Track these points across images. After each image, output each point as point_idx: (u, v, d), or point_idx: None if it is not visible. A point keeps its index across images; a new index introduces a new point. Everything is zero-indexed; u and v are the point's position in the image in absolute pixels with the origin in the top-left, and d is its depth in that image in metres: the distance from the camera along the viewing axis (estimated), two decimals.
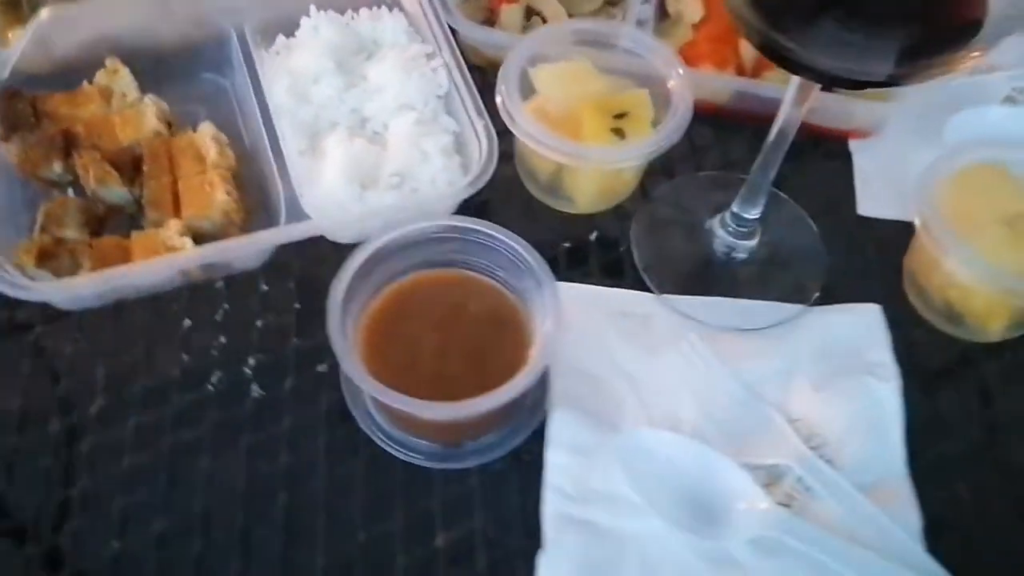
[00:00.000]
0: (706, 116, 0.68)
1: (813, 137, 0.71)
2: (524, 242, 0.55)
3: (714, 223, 0.65)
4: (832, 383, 0.59)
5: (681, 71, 0.63)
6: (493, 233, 0.55)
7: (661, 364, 0.59)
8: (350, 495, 0.54)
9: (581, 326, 0.61)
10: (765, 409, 0.58)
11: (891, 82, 0.47)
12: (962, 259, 0.57)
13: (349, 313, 0.52)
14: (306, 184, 0.62)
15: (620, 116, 0.62)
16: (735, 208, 0.63)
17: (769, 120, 0.56)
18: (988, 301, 0.59)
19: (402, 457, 0.55)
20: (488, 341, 0.55)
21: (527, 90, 0.63)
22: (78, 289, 0.58)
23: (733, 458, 0.55)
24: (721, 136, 0.73)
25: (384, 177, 0.63)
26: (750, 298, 0.63)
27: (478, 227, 0.55)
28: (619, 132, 0.62)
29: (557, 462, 0.55)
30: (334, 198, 0.62)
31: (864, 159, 0.71)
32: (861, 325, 0.62)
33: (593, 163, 0.61)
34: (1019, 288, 0.57)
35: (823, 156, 0.72)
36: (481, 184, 0.62)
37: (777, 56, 0.47)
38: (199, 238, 0.61)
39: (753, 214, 0.63)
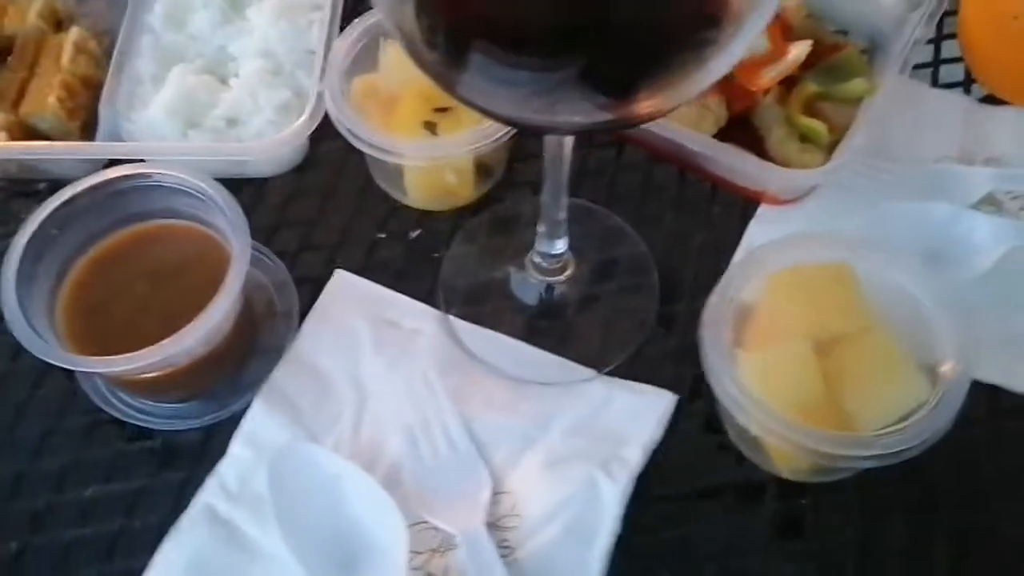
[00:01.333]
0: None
1: (729, 192, 0.61)
2: (218, 186, 0.51)
3: (531, 254, 0.58)
4: (566, 464, 0.51)
5: None
6: (183, 176, 0.52)
7: (393, 387, 0.54)
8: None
9: (339, 320, 0.57)
10: (477, 469, 0.51)
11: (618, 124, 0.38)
12: (723, 390, 0.46)
13: (42, 272, 0.51)
14: (133, 109, 0.61)
15: (441, 110, 0.56)
16: (537, 242, 0.55)
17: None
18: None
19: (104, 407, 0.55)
20: (193, 291, 0.51)
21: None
22: None
23: (415, 509, 0.50)
24: (621, 163, 0.64)
25: (211, 119, 0.61)
26: (541, 346, 0.56)
27: (160, 171, 0.52)
28: (431, 127, 0.56)
29: (235, 453, 0.52)
30: (155, 130, 0.61)
31: (760, 228, 0.60)
32: (641, 413, 0.53)
33: (387, 156, 0.55)
34: (792, 437, 0.45)
35: (720, 210, 0.62)
36: (292, 146, 0.59)
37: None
38: (35, 137, 0.62)
39: (556, 249, 0.55)
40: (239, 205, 0.51)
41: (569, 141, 0.46)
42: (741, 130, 0.62)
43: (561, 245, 0.55)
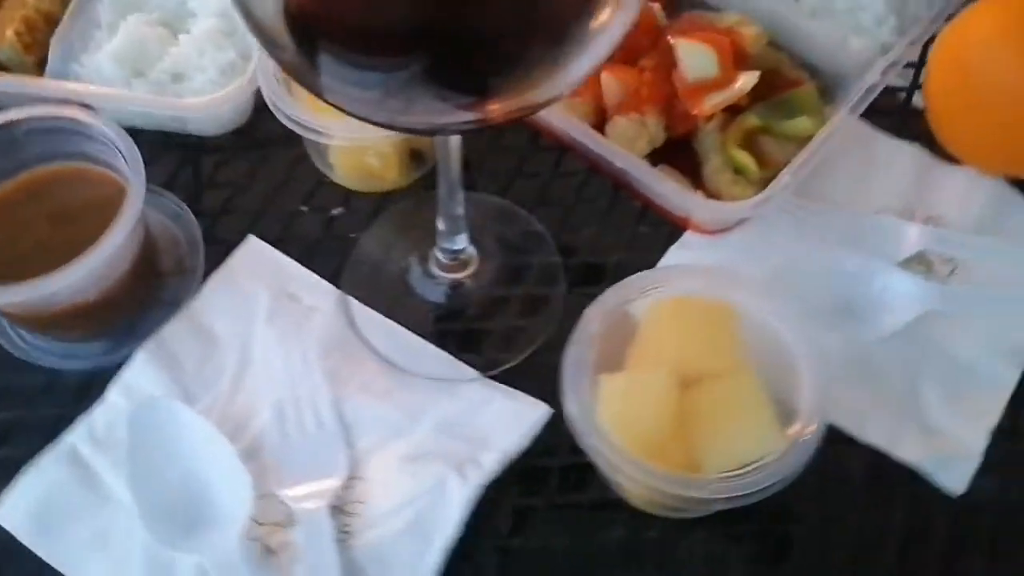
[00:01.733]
0: None
1: (657, 214, 0.60)
2: (119, 130, 0.53)
3: (435, 248, 0.57)
4: (424, 460, 0.51)
5: None
6: (88, 121, 0.53)
7: (276, 359, 0.54)
8: None
9: (240, 285, 0.57)
10: (337, 452, 0.51)
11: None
12: (569, 411, 0.45)
13: None
14: (85, 52, 0.63)
15: None
16: (438, 238, 0.55)
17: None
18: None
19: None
20: (93, 233, 0.51)
21: None
22: None
23: (269, 481, 0.50)
24: (559, 171, 0.63)
25: (156, 72, 0.62)
26: (432, 341, 0.56)
27: (71, 115, 0.53)
28: None
29: (109, 399, 0.53)
30: (102, 75, 0.62)
31: (680, 254, 0.59)
32: (511, 420, 0.52)
33: (307, 133, 0.56)
34: (624, 468, 0.44)
35: (647, 230, 0.60)
36: (231, 107, 0.60)
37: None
38: None
39: (456, 245, 0.55)
40: (139, 153, 0.52)
41: (455, 138, 0.46)
42: (682, 153, 0.61)
43: (461, 241, 0.54)
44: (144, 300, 0.57)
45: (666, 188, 0.56)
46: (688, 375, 0.47)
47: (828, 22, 0.65)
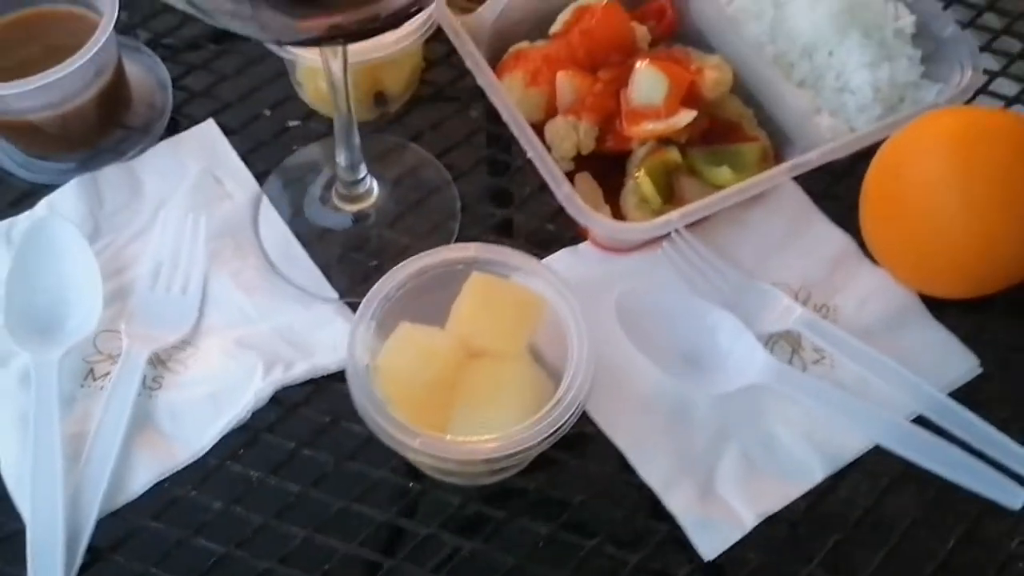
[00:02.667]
0: None
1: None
2: None
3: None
4: (249, 349, 0.56)
5: None
6: None
7: (174, 223, 0.60)
8: None
9: (180, 155, 0.64)
10: (186, 317, 0.57)
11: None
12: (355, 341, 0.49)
13: None
14: None
15: None
16: (338, 168, 0.59)
17: None
18: None
19: None
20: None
21: None
22: None
23: (118, 320, 0.56)
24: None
25: None
26: (316, 259, 0.60)
27: None
28: None
29: (35, 211, 0.61)
30: None
31: (565, 257, 0.61)
32: (338, 342, 0.56)
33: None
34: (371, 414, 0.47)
35: (554, 229, 0.63)
36: None
37: None
38: None
39: (355, 176, 0.59)
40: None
41: (336, 64, 0.50)
42: (614, 170, 0.63)
43: (359, 172, 0.59)
44: (111, 126, 0.64)
45: (561, 191, 0.58)
46: (473, 347, 0.50)
47: (810, 94, 0.65)
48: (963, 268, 0.55)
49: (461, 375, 0.49)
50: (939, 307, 0.59)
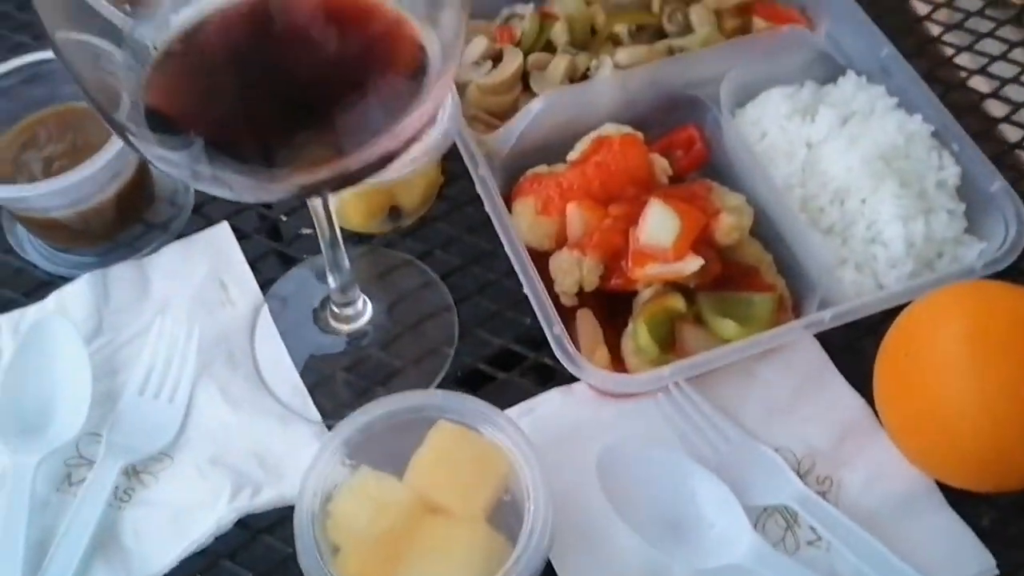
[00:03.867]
0: None
1: None
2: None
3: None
4: (222, 467, 0.55)
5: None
6: None
7: (174, 328, 0.61)
8: None
9: (190, 256, 0.65)
10: (169, 427, 0.57)
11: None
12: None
13: None
14: None
15: None
16: (331, 289, 0.59)
17: None
18: None
19: None
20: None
21: None
22: None
23: (105, 427, 0.57)
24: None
25: None
26: (307, 378, 0.59)
27: None
28: None
29: (46, 303, 0.62)
30: None
31: (554, 396, 0.58)
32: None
33: None
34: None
35: (550, 362, 0.60)
36: None
37: None
38: None
39: (346, 299, 0.59)
40: None
41: (318, 202, 0.50)
42: (621, 303, 0.60)
43: (351, 296, 0.58)
44: (132, 222, 0.66)
45: (551, 332, 0.56)
46: (430, 502, 0.48)
47: (837, 243, 0.61)
48: (978, 462, 0.50)
49: (414, 530, 0.47)
50: (956, 493, 0.54)
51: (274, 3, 0.35)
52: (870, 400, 0.57)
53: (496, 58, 0.71)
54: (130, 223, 0.66)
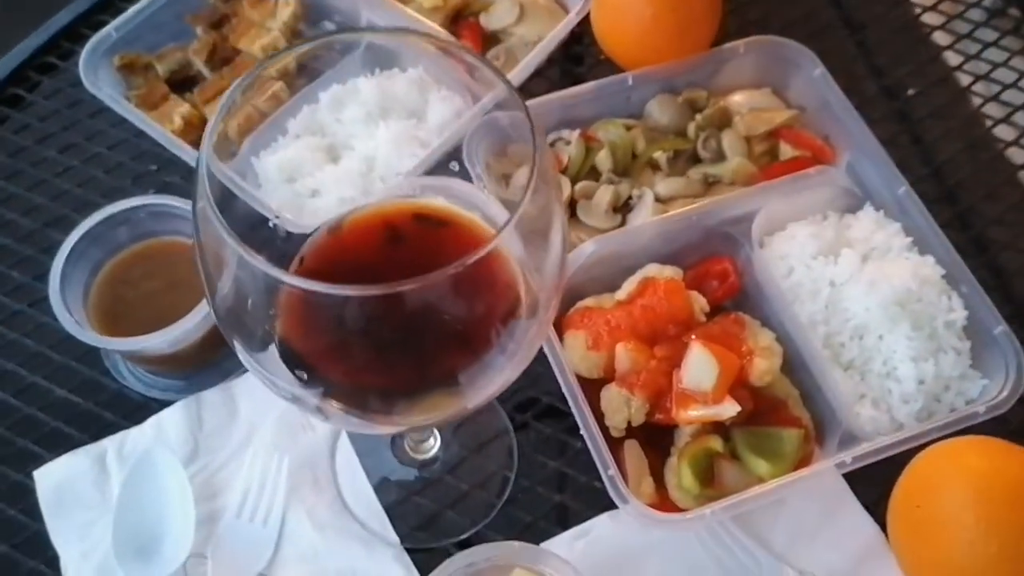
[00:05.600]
0: None
1: None
2: None
3: None
4: None
5: None
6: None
7: (264, 454, 0.68)
8: None
9: None
10: (266, 548, 0.64)
11: None
12: None
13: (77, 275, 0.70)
14: (266, 149, 0.79)
15: None
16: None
17: None
18: None
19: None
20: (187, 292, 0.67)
21: None
22: None
23: (209, 548, 0.64)
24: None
25: (302, 183, 0.77)
26: (384, 501, 0.67)
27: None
28: None
29: (144, 428, 0.69)
30: (266, 172, 0.78)
31: (603, 523, 0.66)
32: None
33: None
34: None
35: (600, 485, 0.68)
36: None
37: None
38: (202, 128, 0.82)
39: (421, 439, 0.66)
40: None
41: None
42: (663, 434, 0.67)
43: (426, 436, 0.66)
44: (219, 347, 0.71)
45: (607, 474, 0.63)
46: None
47: (856, 378, 0.68)
48: None
49: None
50: None
51: (409, 292, 0.41)
52: (882, 523, 0.65)
53: None
54: (218, 347, 0.73)
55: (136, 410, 0.71)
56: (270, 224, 0.55)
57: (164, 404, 0.71)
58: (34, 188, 0.83)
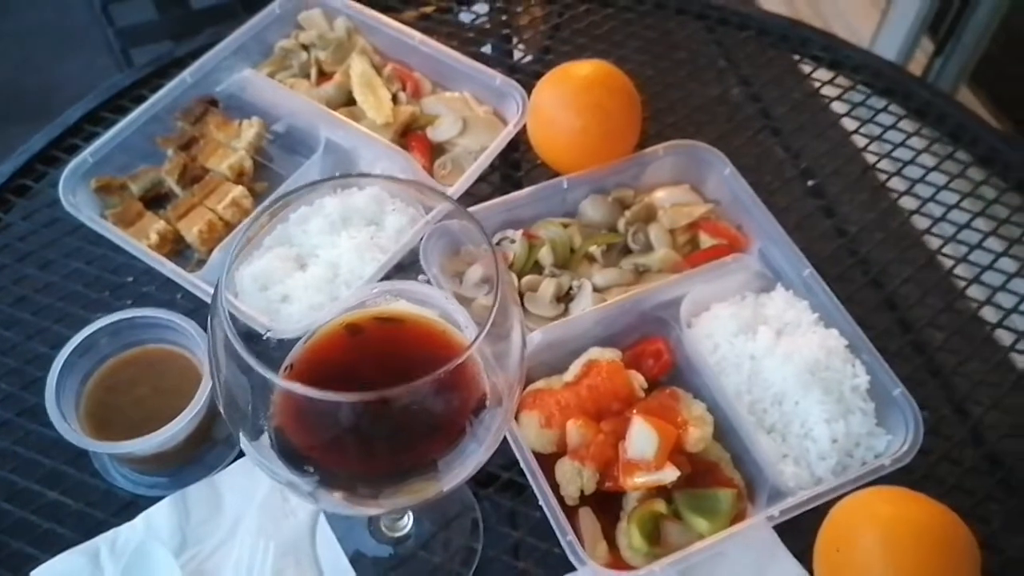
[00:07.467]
0: None
1: None
2: (195, 324, 0.77)
3: None
4: None
5: None
6: (172, 318, 0.78)
7: (245, 539, 0.74)
8: None
9: (256, 472, 0.77)
10: None
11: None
12: None
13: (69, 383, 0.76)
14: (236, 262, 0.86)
15: None
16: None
17: None
18: None
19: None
20: (175, 395, 0.74)
21: None
22: None
23: None
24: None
25: (274, 290, 0.84)
26: None
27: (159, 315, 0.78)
28: None
29: (135, 522, 0.74)
30: (242, 283, 0.85)
31: None
32: None
33: None
34: None
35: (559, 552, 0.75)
36: None
37: None
38: (180, 244, 0.90)
39: (396, 520, 0.72)
40: None
41: None
42: (613, 500, 0.75)
43: (404, 521, 0.72)
44: (202, 443, 0.79)
45: (565, 539, 0.70)
46: None
47: (778, 440, 0.78)
48: None
49: None
50: None
51: (396, 395, 0.48)
52: (810, 569, 0.73)
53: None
54: (201, 443, 0.79)
55: (125, 507, 0.76)
56: (263, 337, 0.62)
57: (152, 500, 0.76)
58: (16, 304, 0.89)
